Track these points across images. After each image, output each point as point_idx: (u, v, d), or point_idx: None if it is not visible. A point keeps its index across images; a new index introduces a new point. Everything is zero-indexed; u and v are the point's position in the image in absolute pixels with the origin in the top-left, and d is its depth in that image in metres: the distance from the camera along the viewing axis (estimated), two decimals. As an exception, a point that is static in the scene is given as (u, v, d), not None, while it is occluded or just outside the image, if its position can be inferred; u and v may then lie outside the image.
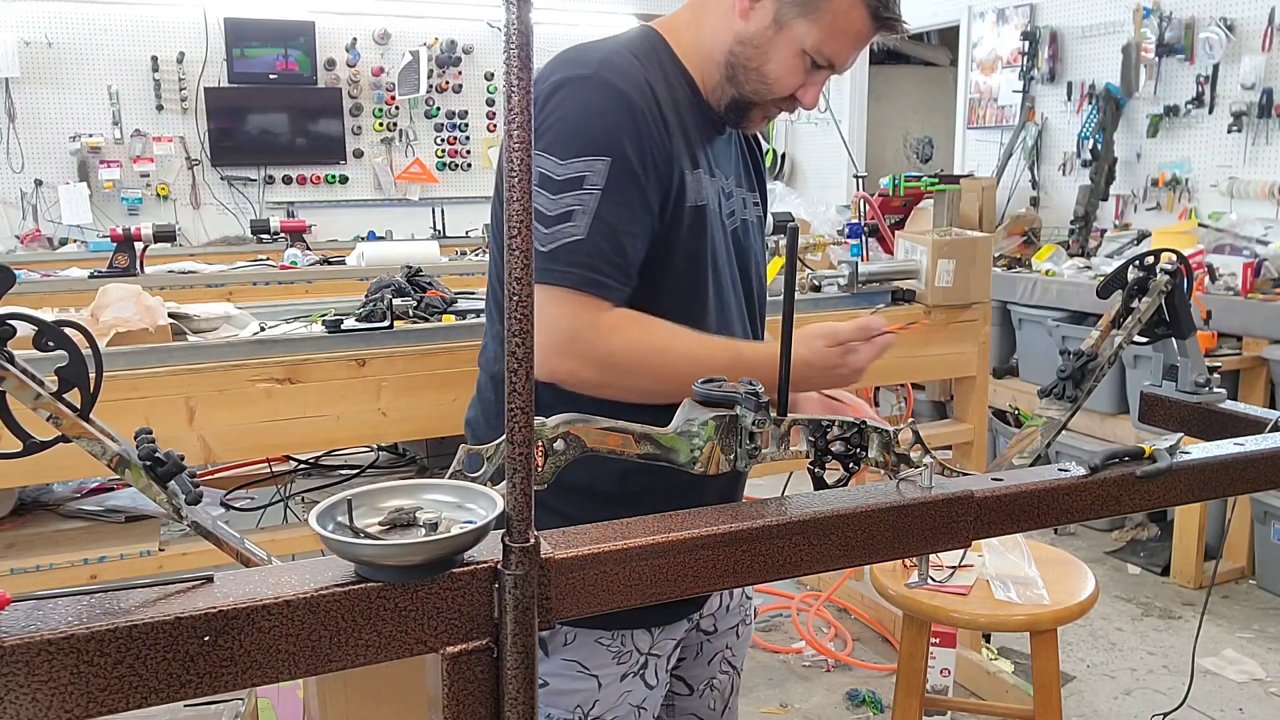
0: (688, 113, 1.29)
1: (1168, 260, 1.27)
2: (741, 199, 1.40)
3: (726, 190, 1.36)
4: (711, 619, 1.48)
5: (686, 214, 1.26)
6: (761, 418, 0.91)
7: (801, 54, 1.25)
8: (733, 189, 1.38)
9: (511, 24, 0.65)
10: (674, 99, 1.28)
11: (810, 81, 1.29)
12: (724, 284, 1.34)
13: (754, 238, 1.43)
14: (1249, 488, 1.13)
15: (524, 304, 0.68)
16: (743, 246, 1.39)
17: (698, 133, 1.31)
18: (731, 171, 1.39)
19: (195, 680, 0.65)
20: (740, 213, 1.39)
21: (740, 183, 1.41)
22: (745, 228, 1.40)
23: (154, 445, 0.79)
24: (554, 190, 1.18)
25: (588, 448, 0.88)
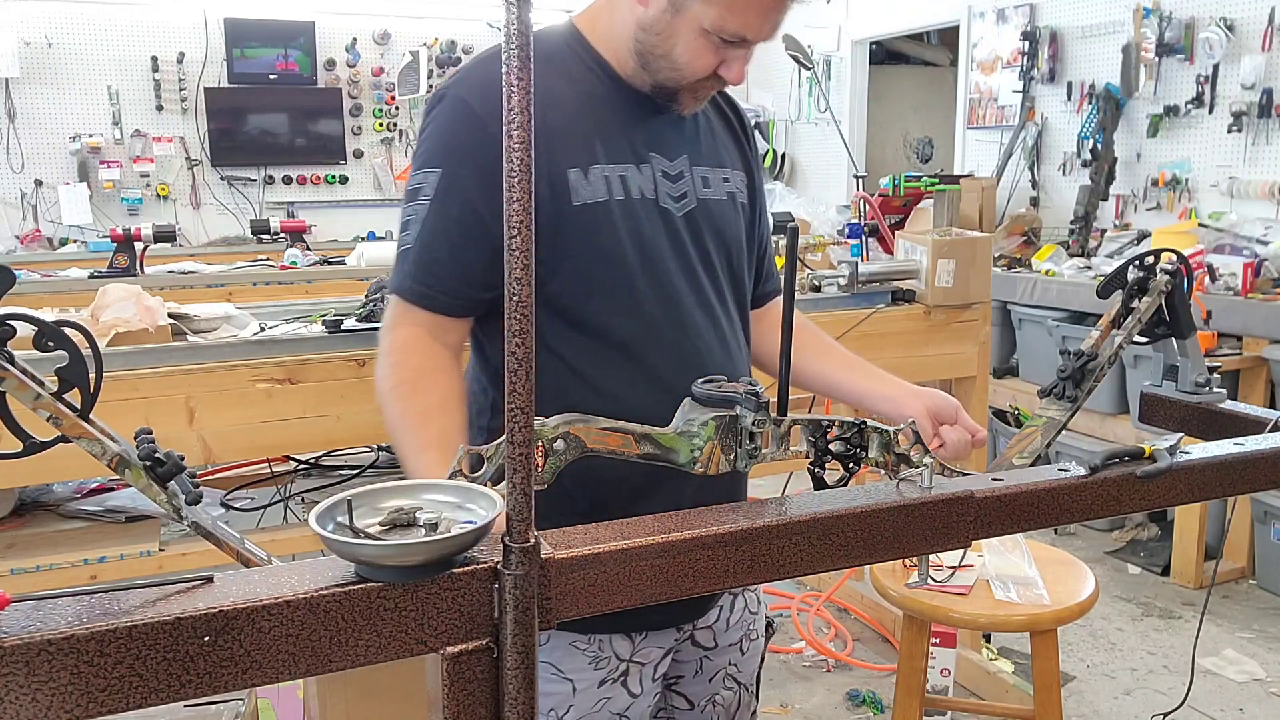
0: (603, 105, 1.25)
1: (1168, 260, 1.27)
2: (702, 178, 1.32)
3: (672, 172, 1.29)
4: (710, 632, 1.43)
5: (574, 214, 1.21)
6: (761, 418, 0.91)
7: (705, 33, 1.18)
8: (684, 169, 1.30)
9: (511, 24, 0.65)
10: (579, 93, 1.25)
11: (729, 58, 1.22)
12: (665, 274, 1.26)
13: (725, 216, 1.35)
14: (1249, 488, 1.13)
15: (524, 304, 0.68)
16: (702, 229, 1.31)
17: (618, 122, 1.26)
18: (684, 151, 1.31)
19: (195, 680, 0.65)
20: (699, 193, 1.31)
21: (702, 160, 1.33)
22: (708, 208, 1.32)
23: (154, 445, 0.79)
24: (406, 201, 1.26)
25: (588, 448, 0.88)
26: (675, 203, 1.29)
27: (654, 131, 1.28)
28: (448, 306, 1.23)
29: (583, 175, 1.22)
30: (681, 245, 1.28)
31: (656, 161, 1.28)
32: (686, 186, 1.30)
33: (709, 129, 1.37)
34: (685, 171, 1.30)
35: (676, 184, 1.29)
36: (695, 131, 1.34)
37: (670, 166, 1.29)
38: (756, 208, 1.44)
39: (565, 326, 1.24)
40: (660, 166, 1.28)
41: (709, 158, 1.35)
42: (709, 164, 1.34)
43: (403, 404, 1.20)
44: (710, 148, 1.36)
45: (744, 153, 1.42)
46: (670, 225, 1.28)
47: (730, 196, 1.36)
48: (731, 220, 1.36)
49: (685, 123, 1.32)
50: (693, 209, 1.30)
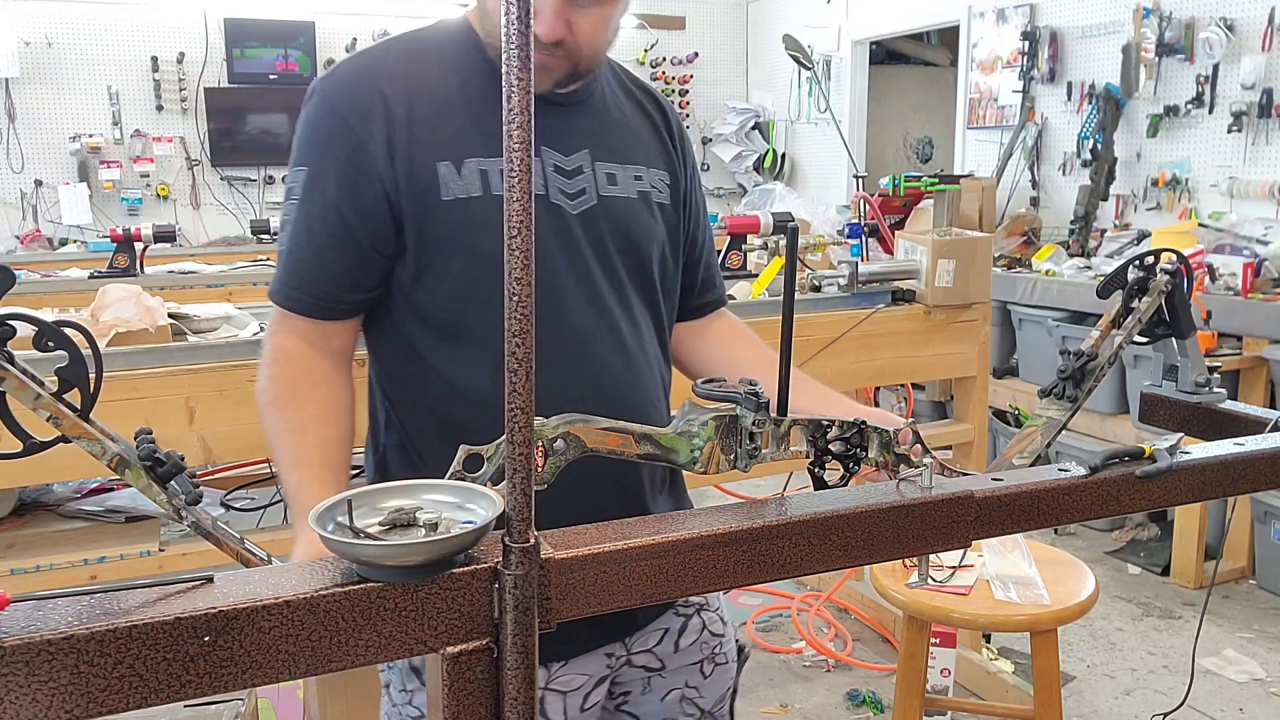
0: (487, 96, 1.19)
1: (1168, 260, 1.27)
2: (606, 174, 1.24)
3: (567, 168, 1.21)
4: (651, 655, 1.31)
5: (441, 209, 1.16)
6: (761, 418, 0.91)
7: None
8: (583, 165, 1.23)
9: (511, 24, 0.65)
10: (458, 86, 1.19)
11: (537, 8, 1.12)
12: (549, 275, 1.17)
13: (634, 215, 1.26)
14: (1249, 488, 1.13)
15: (524, 304, 0.68)
16: (601, 227, 1.22)
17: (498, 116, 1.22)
18: (585, 146, 1.24)
19: (195, 680, 0.65)
20: (601, 190, 1.23)
21: (608, 156, 1.25)
22: (611, 206, 1.23)
23: (154, 445, 0.79)
24: (284, 201, 1.24)
25: (588, 448, 0.88)
26: (569, 199, 1.21)
27: (549, 125, 1.21)
28: (319, 309, 1.19)
29: (454, 169, 1.16)
30: (574, 245, 1.21)
31: (548, 156, 1.21)
32: (585, 183, 1.23)
33: (622, 124, 1.30)
34: (585, 167, 1.23)
35: (572, 180, 1.22)
36: (603, 126, 1.27)
37: (566, 161, 1.22)
38: (686, 211, 1.36)
39: (434, 334, 1.18)
40: (553, 161, 1.21)
41: (618, 154, 1.27)
42: (617, 160, 1.26)
43: (280, 417, 1.16)
44: (621, 143, 1.28)
45: (668, 153, 1.34)
46: (561, 223, 1.20)
47: (642, 195, 1.28)
48: (642, 220, 1.27)
49: (590, 117, 1.25)
50: (591, 206, 1.22)
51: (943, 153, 7.03)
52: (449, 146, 1.17)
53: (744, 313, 2.58)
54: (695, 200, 1.38)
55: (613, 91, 1.32)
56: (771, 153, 7.46)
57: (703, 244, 1.41)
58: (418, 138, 1.16)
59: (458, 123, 1.18)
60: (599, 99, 1.28)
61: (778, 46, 4.85)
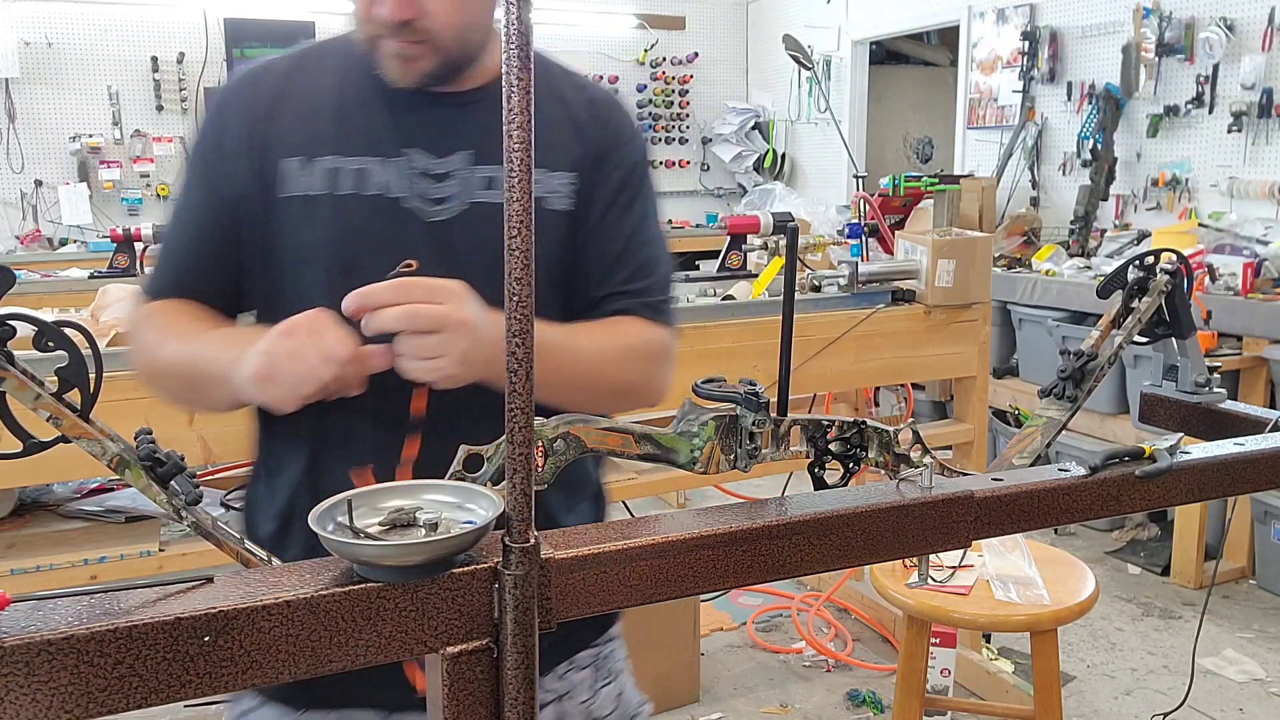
0: (358, 95, 1.15)
1: (1168, 260, 1.27)
2: (486, 178, 1.15)
3: (435, 170, 1.14)
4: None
5: (280, 206, 1.12)
6: (761, 418, 0.91)
7: None
8: (458, 168, 1.15)
9: (511, 24, 0.65)
10: (330, 86, 1.16)
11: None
12: None
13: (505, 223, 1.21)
14: (1249, 488, 1.13)
15: (524, 304, 0.68)
16: (461, 236, 1.14)
17: (371, 113, 1.15)
18: (466, 147, 1.15)
19: (195, 680, 0.65)
20: (475, 195, 1.15)
21: (495, 159, 1.14)
22: (484, 213, 1.14)
23: (154, 445, 0.79)
24: None
25: (588, 448, 0.88)
26: (430, 204, 1.14)
27: (424, 125, 1.15)
28: (169, 290, 1.17)
29: (303, 165, 1.13)
30: (420, 251, 1.10)
31: (415, 157, 1.14)
32: (454, 188, 1.15)
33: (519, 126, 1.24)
34: (459, 170, 1.15)
35: (439, 183, 1.14)
36: (494, 129, 1.17)
37: (436, 164, 1.14)
38: (598, 214, 1.22)
39: None
40: (420, 163, 1.14)
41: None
42: None
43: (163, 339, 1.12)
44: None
45: (583, 157, 1.21)
46: (410, 229, 1.13)
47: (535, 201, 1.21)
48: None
49: (485, 116, 1.16)
50: (460, 213, 1.14)
51: (943, 153, 7.03)
52: (304, 142, 1.14)
53: (744, 313, 2.60)
54: (611, 203, 1.23)
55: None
56: (771, 153, 7.46)
57: (612, 252, 1.23)
58: (276, 133, 1.14)
59: (321, 119, 1.15)
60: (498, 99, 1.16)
61: (778, 46, 4.86)
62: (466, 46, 1.12)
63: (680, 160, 7.76)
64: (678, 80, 7.61)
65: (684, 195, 7.77)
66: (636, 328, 1.21)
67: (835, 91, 6.82)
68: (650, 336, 1.22)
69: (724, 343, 2.53)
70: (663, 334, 1.23)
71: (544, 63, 1.25)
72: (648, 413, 2.37)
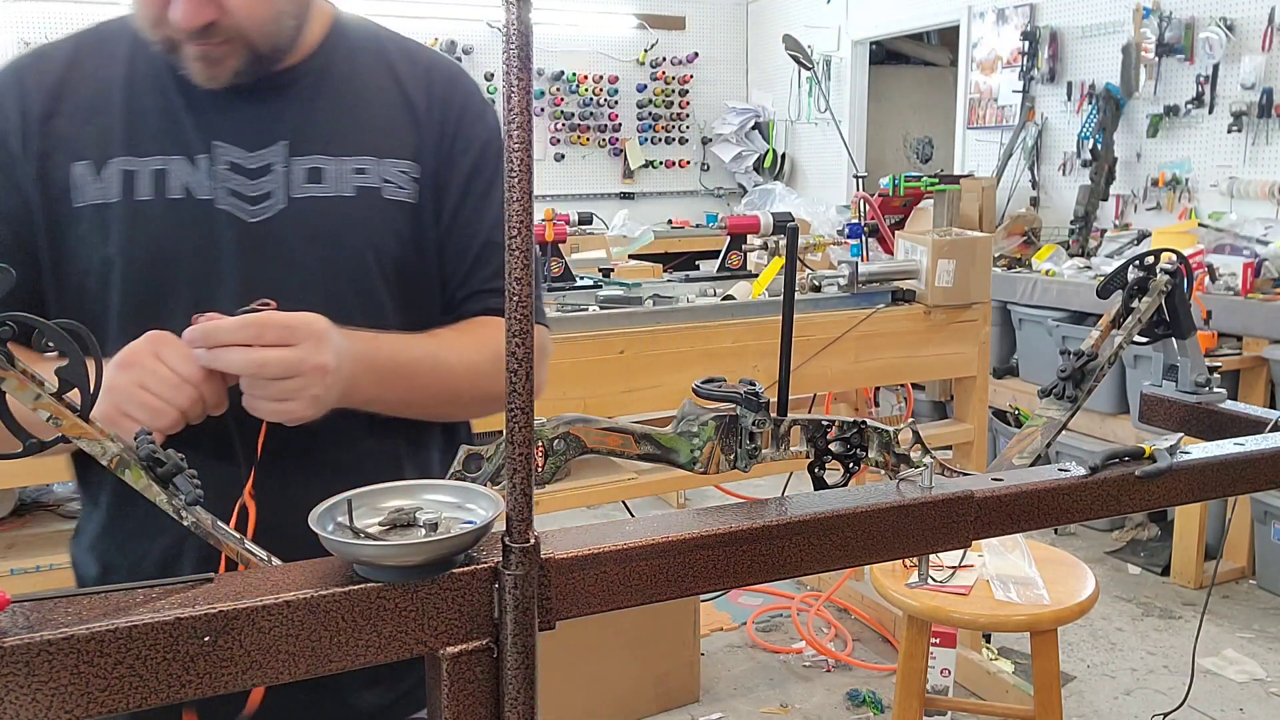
0: (153, 87, 1.03)
1: (1168, 260, 1.27)
2: (309, 169, 1.05)
3: (250, 165, 1.03)
4: None
5: (73, 218, 1.00)
6: (761, 418, 0.91)
7: None
8: (275, 161, 1.04)
9: (511, 24, 0.65)
10: (119, 77, 1.03)
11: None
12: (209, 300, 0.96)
13: (347, 216, 1.06)
14: (1249, 488, 1.13)
15: (524, 304, 0.68)
16: (289, 235, 1.04)
17: (167, 105, 1.02)
18: (282, 137, 1.04)
19: (195, 680, 0.65)
20: (296, 189, 1.04)
21: (316, 148, 1.05)
22: (308, 208, 1.04)
23: (154, 445, 0.79)
24: None
25: (588, 448, 0.88)
26: (247, 204, 1.02)
27: (231, 115, 1.03)
28: None
29: (93, 170, 1.00)
30: (254, 258, 1.02)
31: (223, 152, 1.02)
32: (273, 183, 1.03)
33: (351, 107, 1.09)
34: (276, 164, 1.04)
35: (256, 180, 1.03)
36: (315, 112, 1.07)
37: (248, 158, 1.03)
38: (453, 206, 1.12)
39: None
40: (229, 157, 1.02)
41: (335, 143, 1.06)
42: (333, 151, 1.06)
43: None
44: (340, 131, 1.07)
45: (422, 140, 1.10)
46: (226, 234, 1.02)
47: (364, 191, 1.06)
48: (358, 220, 1.06)
49: (299, 102, 1.06)
50: (280, 210, 1.03)
51: (943, 153, 7.03)
52: (92, 144, 1.01)
53: (744, 313, 2.60)
54: (463, 193, 1.13)
55: (353, 67, 1.11)
56: (771, 153, 7.46)
57: (475, 247, 1.14)
58: (59, 135, 1.01)
59: (109, 118, 1.02)
60: (316, 78, 1.08)
61: (778, 46, 4.86)
62: (279, 36, 1.01)
63: (680, 160, 7.76)
64: (678, 80, 7.61)
65: (684, 195, 7.77)
66: (493, 330, 1.11)
67: (835, 91, 6.82)
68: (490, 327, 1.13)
69: (724, 343, 2.53)
70: (537, 334, 1.14)
71: (370, 31, 1.15)
72: (648, 413, 2.38)
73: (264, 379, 0.88)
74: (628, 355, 2.41)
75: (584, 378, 2.37)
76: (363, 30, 1.14)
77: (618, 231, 5.01)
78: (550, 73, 7.17)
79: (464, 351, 1.08)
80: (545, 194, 6.99)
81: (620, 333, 2.42)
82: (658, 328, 2.47)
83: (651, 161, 7.62)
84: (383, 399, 1.02)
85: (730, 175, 7.79)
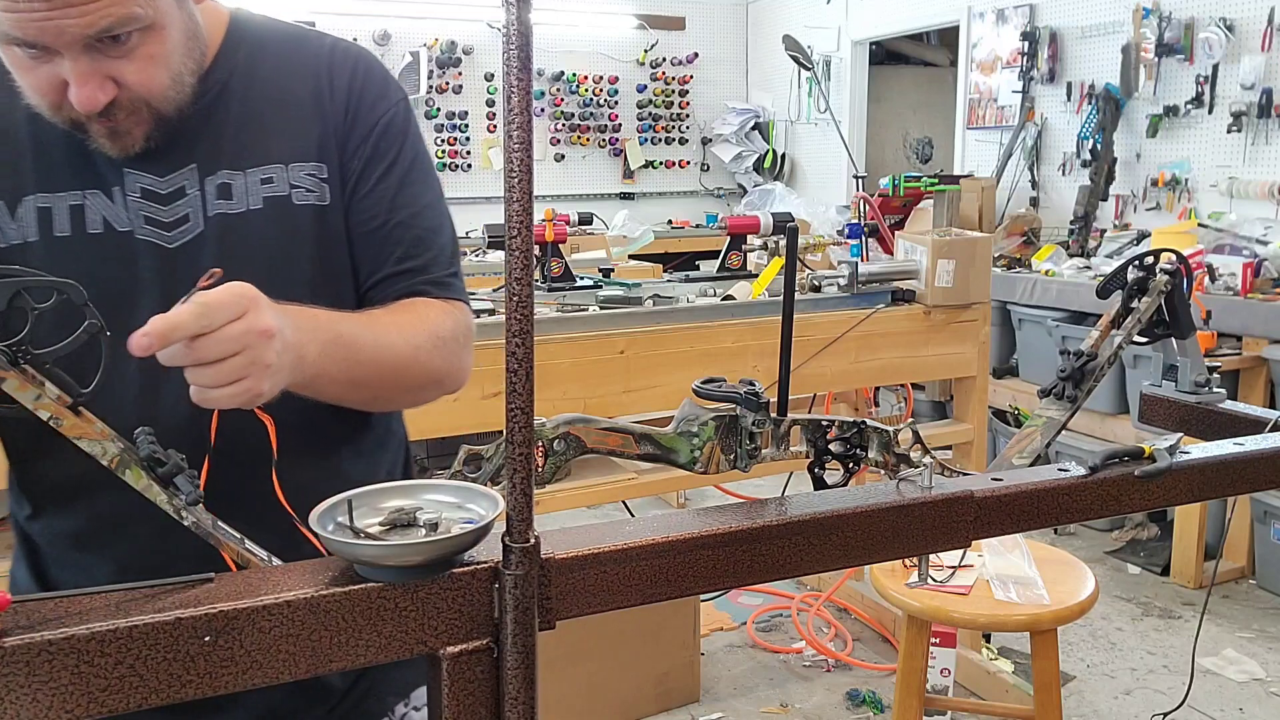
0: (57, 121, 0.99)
1: (1167, 260, 1.27)
2: (220, 186, 1.03)
3: (163, 191, 1.01)
4: None
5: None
6: (761, 418, 0.91)
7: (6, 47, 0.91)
8: (186, 183, 1.02)
9: (511, 24, 0.65)
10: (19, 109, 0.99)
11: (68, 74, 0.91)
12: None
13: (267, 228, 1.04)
14: (1249, 488, 1.13)
15: (524, 304, 0.68)
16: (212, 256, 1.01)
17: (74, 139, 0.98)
18: (190, 160, 1.02)
19: (195, 680, 0.65)
20: (210, 209, 1.02)
21: (224, 164, 1.03)
22: (226, 226, 1.02)
23: (155, 445, 0.79)
24: None
25: (588, 448, 0.88)
26: (166, 231, 1.01)
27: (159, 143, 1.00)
28: None
29: (7, 210, 0.98)
30: (164, 285, 0.99)
31: (134, 180, 1.00)
32: (189, 206, 1.02)
33: (254, 116, 1.06)
34: (189, 187, 1.02)
35: (170, 205, 1.01)
36: (219, 128, 1.05)
37: (160, 184, 1.01)
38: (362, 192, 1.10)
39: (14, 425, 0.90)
40: (142, 184, 1.00)
41: (241, 157, 1.04)
42: (239, 166, 1.04)
43: None
44: (244, 144, 1.05)
45: (328, 136, 1.08)
46: (148, 263, 1.00)
47: (274, 201, 1.05)
48: (275, 233, 1.04)
49: (200, 120, 1.03)
50: (198, 234, 1.02)
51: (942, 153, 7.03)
52: (3, 184, 0.99)
53: (744, 313, 2.60)
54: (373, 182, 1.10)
55: (253, 72, 1.08)
56: (771, 153, 7.46)
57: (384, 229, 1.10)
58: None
59: (18, 156, 1.00)
60: (219, 93, 1.06)
61: (778, 47, 4.86)
62: (181, 96, 0.99)
63: (680, 160, 7.76)
64: (678, 80, 7.61)
65: (684, 195, 7.77)
66: (434, 311, 1.09)
67: (835, 92, 6.82)
68: (456, 319, 1.11)
69: (724, 343, 2.53)
70: (462, 313, 1.13)
71: (267, 28, 1.12)
72: (648, 413, 2.38)
73: (210, 361, 0.82)
74: (628, 355, 2.41)
75: (584, 378, 2.37)
76: (260, 29, 1.12)
77: (618, 232, 5.01)
78: (550, 73, 7.17)
79: (402, 329, 1.05)
80: (545, 194, 6.99)
81: (620, 333, 2.42)
82: (658, 328, 2.47)
83: (651, 162, 7.62)
84: (330, 374, 0.97)
85: (730, 175, 7.79)
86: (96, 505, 1.00)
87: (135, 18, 0.90)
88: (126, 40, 0.91)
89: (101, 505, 0.99)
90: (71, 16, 0.86)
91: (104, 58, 0.91)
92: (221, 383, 0.82)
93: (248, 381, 0.83)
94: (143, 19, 0.91)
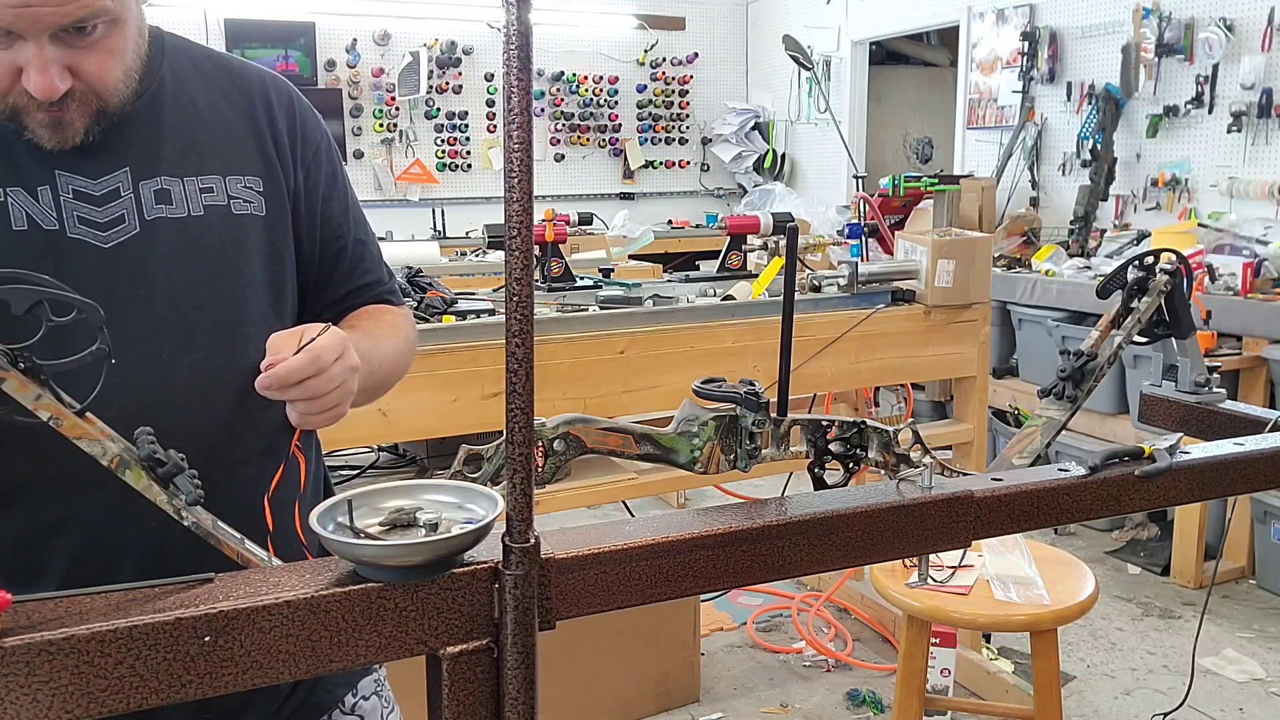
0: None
1: (1167, 260, 1.27)
2: (156, 191, 1.05)
3: (96, 192, 1.02)
4: None
5: None
6: (761, 418, 0.91)
7: None
8: (120, 186, 1.03)
9: (511, 24, 0.65)
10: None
11: (21, 62, 0.93)
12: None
13: (203, 235, 1.06)
14: (1249, 488, 1.13)
15: (524, 304, 0.68)
16: (148, 257, 1.03)
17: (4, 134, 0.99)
18: (124, 164, 1.04)
19: (195, 680, 0.65)
20: (147, 212, 1.04)
21: (162, 170, 1.05)
22: (161, 230, 1.04)
23: (155, 445, 0.79)
24: None
25: (588, 448, 0.88)
26: (100, 231, 1.02)
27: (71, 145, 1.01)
28: None
29: None
30: (103, 283, 1.01)
31: (66, 180, 1.01)
32: (122, 208, 1.03)
33: (192, 126, 1.09)
34: (123, 189, 1.03)
35: (104, 207, 1.02)
36: (155, 134, 1.07)
37: (93, 185, 1.02)
38: (322, 212, 1.17)
39: None
40: (73, 186, 1.01)
41: (180, 164, 1.07)
42: (179, 173, 1.06)
43: None
44: (183, 152, 1.07)
45: (267, 154, 1.13)
46: (82, 261, 1.00)
47: (214, 210, 1.07)
48: (214, 239, 1.07)
49: (137, 125, 1.05)
50: (134, 235, 1.03)
51: (942, 153, 7.03)
52: None
53: (744, 313, 2.60)
54: (320, 199, 1.17)
55: (182, 86, 1.11)
56: (771, 153, 7.46)
57: (349, 246, 1.20)
58: None
59: None
60: (150, 100, 1.08)
61: (778, 47, 4.86)
62: (126, 91, 1.02)
63: (680, 160, 7.76)
64: (678, 80, 7.61)
65: (684, 195, 7.77)
66: (399, 317, 1.25)
67: (835, 92, 6.82)
68: (410, 322, 1.28)
69: (724, 343, 2.53)
70: (410, 316, 1.30)
71: (188, 50, 1.14)
72: (648, 413, 2.38)
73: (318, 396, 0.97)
74: (628, 355, 2.41)
75: (584, 378, 2.37)
76: (182, 49, 1.15)
77: (618, 232, 5.01)
78: (550, 73, 7.17)
79: (389, 338, 1.18)
80: (545, 194, 6.99)
81: (620, 333, 2.42)
82: (658, 328, 2.47)
83: (651, 162, 7.62)
84: (362, 387, 1.08)
85: (730, 175, 7.79)
86: (39, 512, 1.00)
87: (106, 10, 0.94)
88: (91, 32, 0.95)
89: (45, 511, 0.99)
90: (50, 5, 0.90)
91: (67, 48, 0.94)
92: (323, 410, 0.98)
93: (341, 407, 1.00)
94: (112, 12, 0.95)
